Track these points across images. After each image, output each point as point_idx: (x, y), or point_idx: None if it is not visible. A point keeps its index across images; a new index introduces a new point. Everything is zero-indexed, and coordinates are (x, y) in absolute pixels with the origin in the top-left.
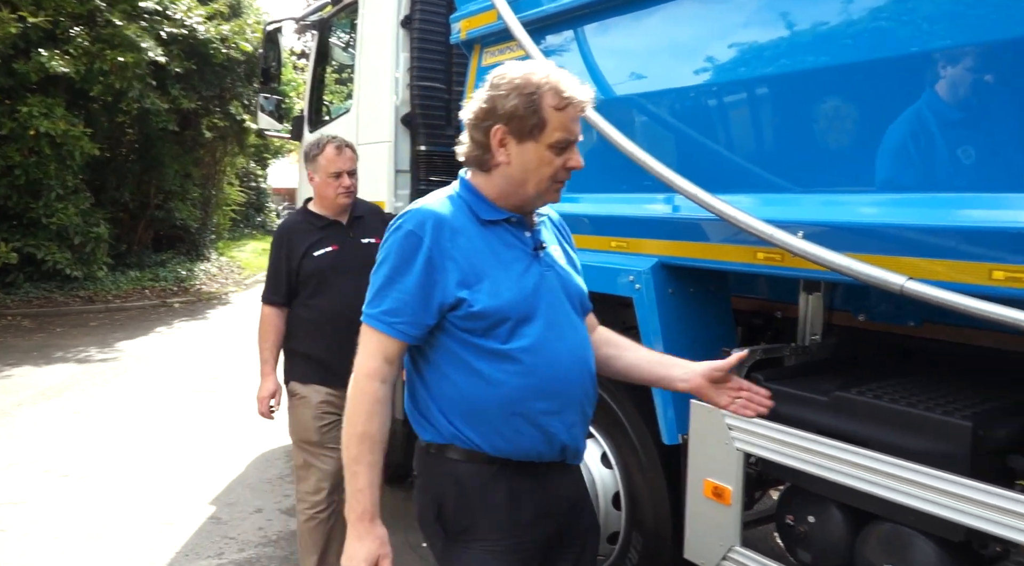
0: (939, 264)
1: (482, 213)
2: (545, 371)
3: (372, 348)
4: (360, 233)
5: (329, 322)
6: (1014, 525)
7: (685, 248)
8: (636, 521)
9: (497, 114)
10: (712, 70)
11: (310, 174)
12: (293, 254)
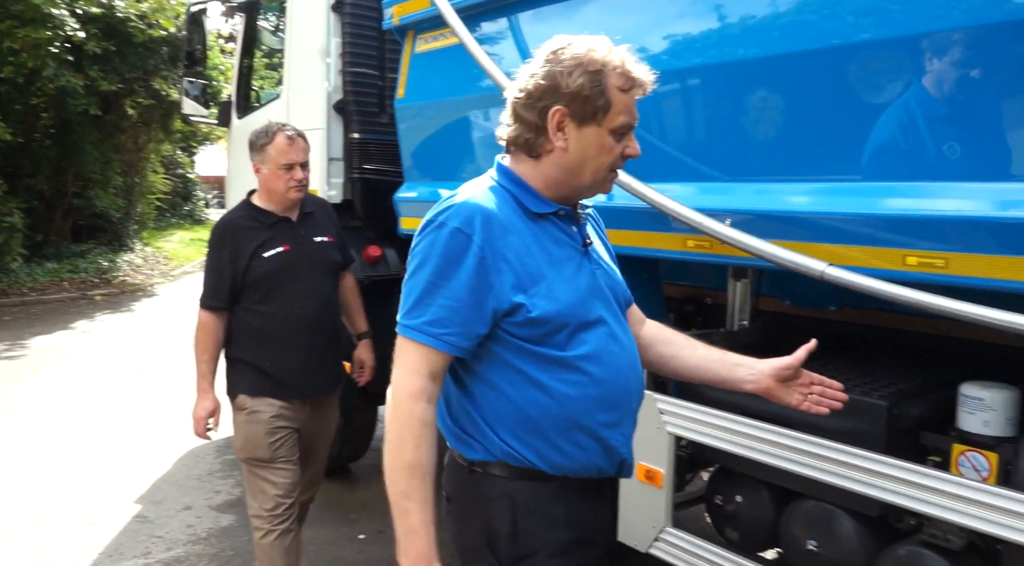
0: (857, 250)
1: (532, 205)
2: (607, 380)
3: (414, 364)
4: (312, 231)
5: (282, 329)
6: (926, 499)
7: (617, 236)
8: None
9: (559, 93)
10: (644, 60)
11: (256, 165)
12: (239, 255)
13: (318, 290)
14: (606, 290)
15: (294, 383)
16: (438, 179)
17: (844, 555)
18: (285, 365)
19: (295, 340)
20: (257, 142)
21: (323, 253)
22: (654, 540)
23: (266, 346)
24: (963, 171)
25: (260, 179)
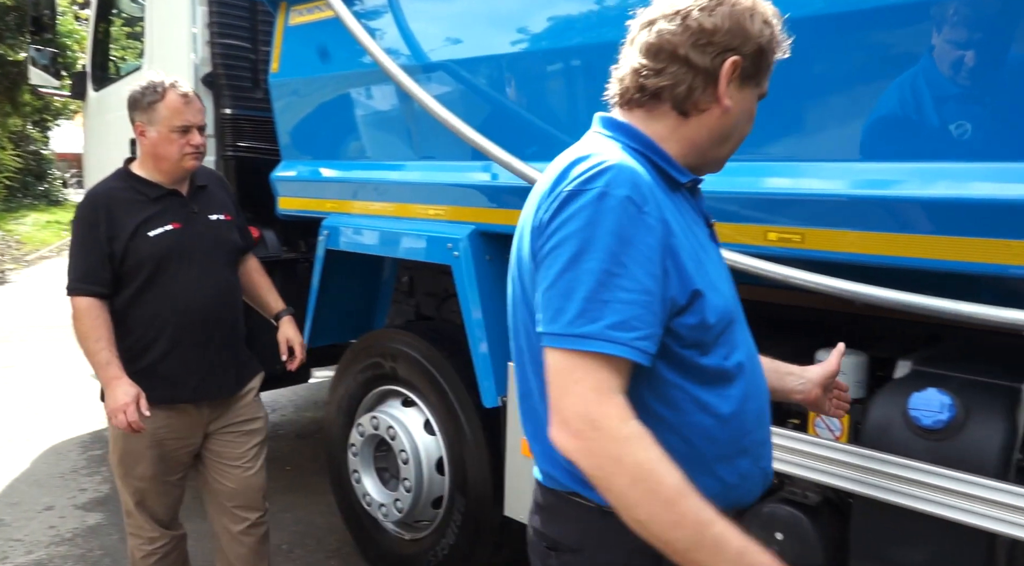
0: (725, 227)
1: (676, 174)
2: (759, 390)
3: (602, 383)
4: (206, 207)
5: (171, 322)
6: (787, 459)
7: (501, 215)
8: (459, 484)
9: (744, 39)
10: (529, 38)
11: (140, 127)
12: (117, 233)
13: (214, 276)
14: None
15: (185, 384)
16: (319, 157)
17: None
18: (174, 364)
19: (187, 334)
20: (143, 100)
21: (220, 233)
22: None
23: (150, 341)
24: (816, 152)
25: (145, 144)
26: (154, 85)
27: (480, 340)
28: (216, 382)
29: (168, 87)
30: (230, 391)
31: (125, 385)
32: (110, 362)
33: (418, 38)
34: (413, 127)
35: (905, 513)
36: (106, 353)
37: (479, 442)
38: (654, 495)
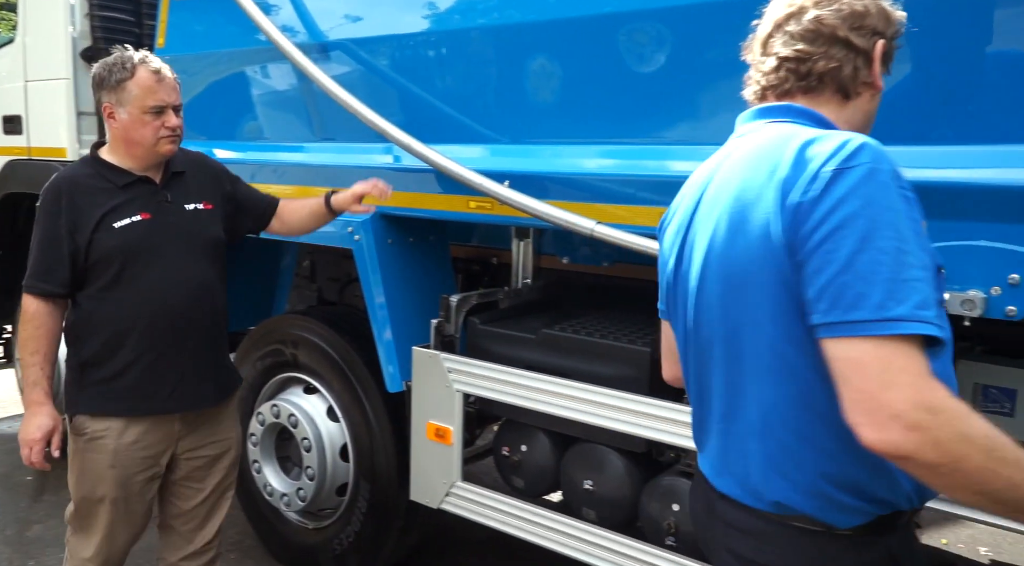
0: (622, 209)
1: None
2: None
3: (923, 369)
4: (182, 196)
5: (139, 325)
6: (684, 434)
7: (402, 198)
8: (364, 471)
9: (889, 22)
10: (428, 19)
11: (107, 108)
12: (80, 224)
13: (187, 272)
14: None
15: (155, 395)
16: (213, 138)
17: (616, 490)
18: (143, 371)
19: (157, 338)
20: (110, 78)
21: (196, 224)
22: (445, 495)
23: (117, 346)
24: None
25: (115, 128)
26: (121, 60)
27: (384, 325)
28: (191, 392)
29: (138, 63)
30: (208, 402)
31: (42, 416)
32: (37, 383)
33: (313, 15)
34: (312, 108)
35: None
36: (37, 371)
37: (384, 427)
38: (1006, 460)
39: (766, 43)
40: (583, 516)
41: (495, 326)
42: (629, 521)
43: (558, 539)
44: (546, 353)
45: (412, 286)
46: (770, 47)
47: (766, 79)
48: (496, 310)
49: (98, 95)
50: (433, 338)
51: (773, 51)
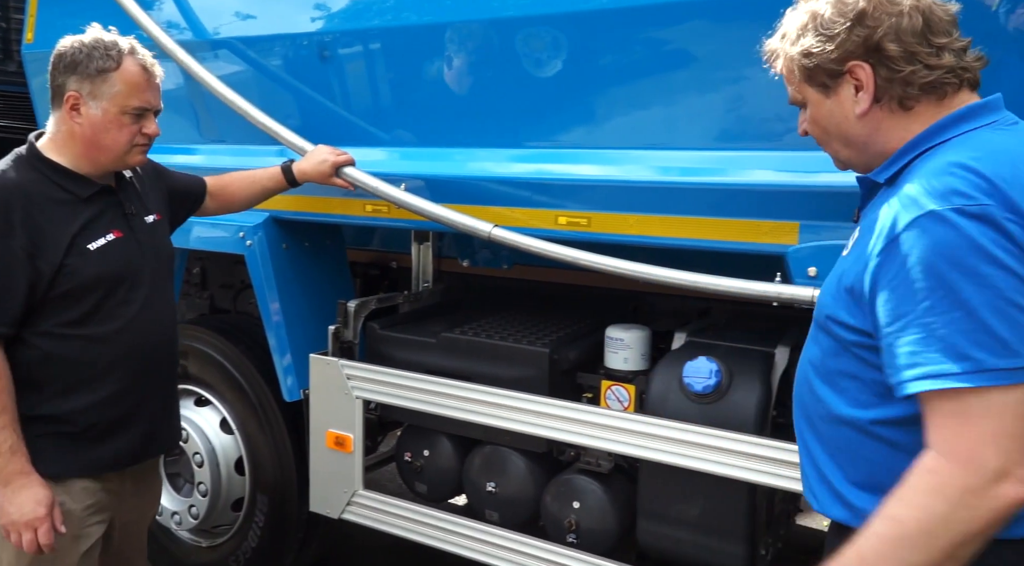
0: (518, 212)
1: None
2: None
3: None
4: (137, 205)
5: (117, 366)
6: (583, 432)
7: (296, 202)
8: (260, 483)
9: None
10: (322, 19)
11: (74, 98)
12: (43, 246)
13: (164, 301)
14: None
15: (123, 445)
16: None
17: (518, 491)
18: (115, 421)
19: (135, 380)
20: (88, 64)
21: (161, 242)
22: (347, 505)
23: (86, 393)
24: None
25: (81, 125)
26: (105, 45)
27: (279, 332)
28: (155, 437)
29: (126, 52)
30: (167, 445)
31: (36, 487)
32: (16, 450)
33: (202, 13)
34: (201, 109)
35: (683, 473)
36: (10, 435)
37: (281, 438)
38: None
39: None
40: (487, 518)
41: (395, 331)
42: (532, 521)
43: (462, 542)
44: (446, 356)
45: (308, 292)
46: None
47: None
48: (396, 315)
49: (62, 78)
50: (331, 345)
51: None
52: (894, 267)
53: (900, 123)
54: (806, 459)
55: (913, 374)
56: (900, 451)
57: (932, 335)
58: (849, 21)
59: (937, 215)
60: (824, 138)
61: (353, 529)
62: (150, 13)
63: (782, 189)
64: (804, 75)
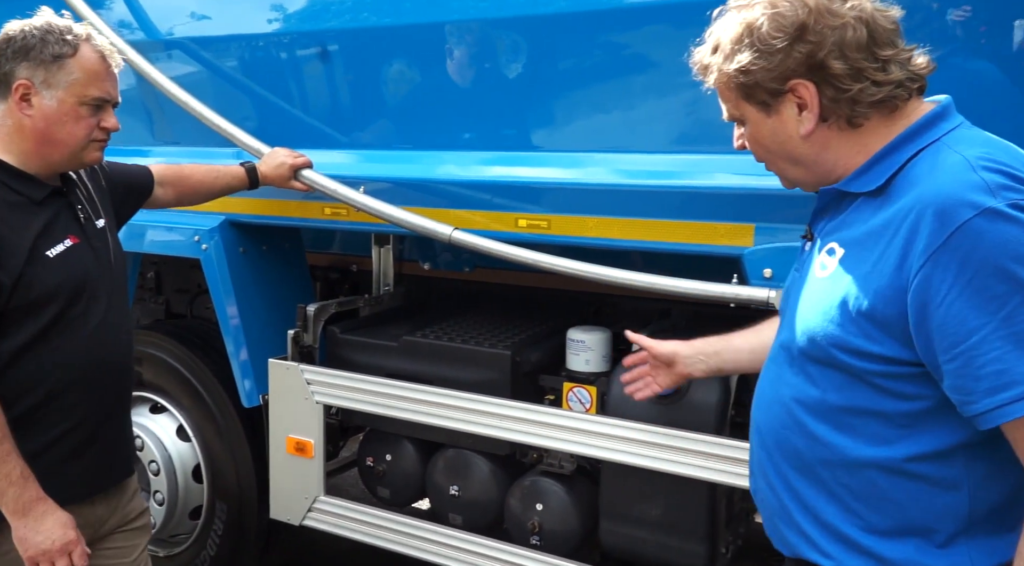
0: (478, 215)
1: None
2: None
3: None
4: (89, 209)
5: (78, 385)
6: (545, 434)
7: (253, 205)
8: (219, 491)
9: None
10: (279, 20)
11: (24, 87)
12: (4, 253)
13: (122, 313)
14: None
15: (88, 471)
16: None
17: (481, 494)
18: (77, 445)
19: (97, 399)
20: (42, 49)
21: (114, 248)
22: (308, 511)
23: (41, 417)
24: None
25: (32, 117)
26: (60, 29)
27: (237, 337)
28: (121, 458)
29: (84, 38)
30: (127, 472)
31: (58, 511)
32: (27, 476)
33: (153, 13)
34: (155, 110)
35: (644, 473)
36: (17, 461)
37: (240, 444)
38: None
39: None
40: (450, 522)
41: (355, 335)
42: (496, 524)
43: (425, 547)
44: (408, 360)
45: (267, 296)
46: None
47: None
48: (356, 318)
49: (9, 65)
50: (290, 349)
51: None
52: (949, 276)
53: (852, 139)
54: (793, 505)
55: (1008, 397)
56: (939, 487)
57: (1021, 346)
58: (789, 36)
59: (996, 212)
60: (766, 157)
61: (315, 535)
62: (100, 12)
63: (738, 192)
64: (741, 93)
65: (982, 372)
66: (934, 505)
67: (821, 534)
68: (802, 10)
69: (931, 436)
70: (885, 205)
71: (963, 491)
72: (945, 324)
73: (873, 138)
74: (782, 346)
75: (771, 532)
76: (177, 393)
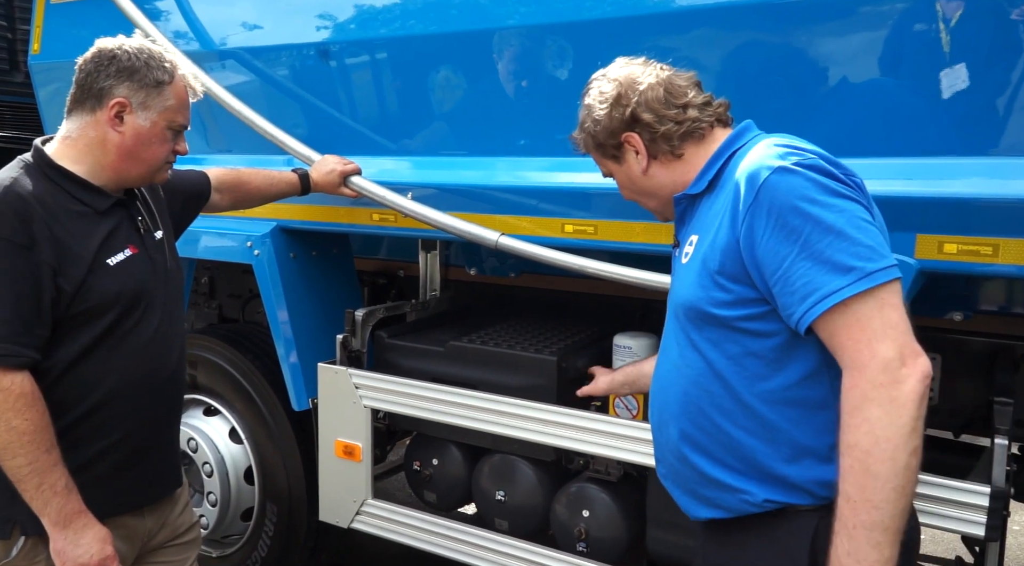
0: (524, 220)
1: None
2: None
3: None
4: (148, 219)
5: (131, 395)
6: (591, 440)
7: (303, 211)
8: (270, 493)
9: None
10: (328, 28)
11: (120, 105)
12: (65, 262)
13: (178, 324)
14: None
15: (137, 485)
16: None
17: (527, 499)
18: (128, 456)
19: (149, 410)
20: (147, 72)
21: (168, 259)
22: (356, 514)
23: (94, 427)
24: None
25: (118, 132)
26: (159, 57)
27: (287, 341)
28: (170, 471)
29: (177, 70)
30: (174, 484)
31: (97, 525)
32: (71, 488)
33: (208, 23)
34: (208, 118)
35: None
36: (63, 472)
37: (290, 447)
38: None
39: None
40: (496, 527)
41: (402, 339)
42: (541, 529)
43: (471, 551)
44: (454, 365)
45: (316, 301)
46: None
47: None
48: (403, 323)
49: (109, 82)
50: (339, 354)
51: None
52: (761, 221)
53: (679, 167)
54: (704, 462)
55: (812, 301)
56: (814, 408)
57: (817, 261)
58: (608, 105)
59: (784, 169)
60: (631, 196)
61: (362, 538)
62: (157, 24)
63: None
64: (598, 154)
65: (794, 287)
66: (813, 425)
67: (735, 477)
68: (615, 85)
69: (796, 363)
70: (717, 195)
71: (831, 408)
72: (765, 257)
73: (694, 160)
74: (667, 337)
75: (688, 505)
76: (230, 396)
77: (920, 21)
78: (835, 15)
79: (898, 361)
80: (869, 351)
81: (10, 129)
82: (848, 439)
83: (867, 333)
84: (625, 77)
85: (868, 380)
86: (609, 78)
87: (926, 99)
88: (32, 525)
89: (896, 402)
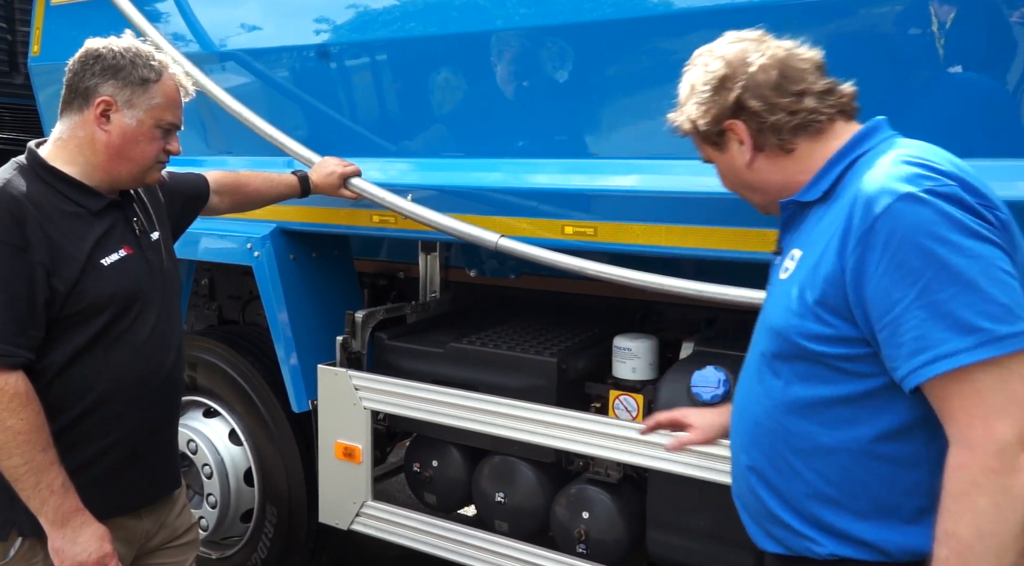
0: (524, 222)
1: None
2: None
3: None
4: (145, 222)
5: (126, 396)
6: (591, 442)
7: (303, 213)
8: (270, 494)
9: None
10: (328, 30)
11: (106, 104)
12: (59, 263)
13: (173, 325)
14: None
15: (134, 486)
16: None
17: (527, 501)
18: (124, 457)
19: (146, 410)
20: (132, 71)
21: (165, 260)
22: (356, 516)
23: (90, 428)
24: (603, 149)
25: (108, 134)
26: (146, 55)
27: (287, 343)
28: (167, 472)
29: (167, 66)
30: (173, 486)
31: (95, 523)
32: (68, 487)
33: (208, 25)
34: (207, 120)
35: (692, 482)
36: (59, 471)
37: (290, 449)
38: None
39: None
40: (496, 528)
41: (402, 341)
42: (541, 531)
43: (471, 553)
44: (454, 367)
45: (316, 303)
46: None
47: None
48: (403, 325)
49: (95, 81)
50: (339, 355)
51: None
52: (875, 255)
53: (789, 163)
54: (773, 501)
55: (923, 359)
56: (903, 466)
57: (935, 313)
58: (713, 88)
59: (912, 196)
60: (732, 187)
61: (362, 540)
62: (157, 25)
63: None
64: (698, 138)
65: (904, 338)
66: (900, 483)
67: (803, 524)
68: (722, 64)
69: (891, 415)
70: (830, 207)
71: (923, 468)
72: (875, 298)
73: (808, 159)
74: (753, 352)
75: (755, 534)
76: (229, 398)
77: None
78: (844, 14)
79: (1017, 446)
80: (984, 429)
81: (10, 131)
82: (947, 526)
83: (984, 408)
84: (735, 55)
85: (979, 463)
86: (716, 54)
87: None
88: (30, 526)
89: (1010, 493)
